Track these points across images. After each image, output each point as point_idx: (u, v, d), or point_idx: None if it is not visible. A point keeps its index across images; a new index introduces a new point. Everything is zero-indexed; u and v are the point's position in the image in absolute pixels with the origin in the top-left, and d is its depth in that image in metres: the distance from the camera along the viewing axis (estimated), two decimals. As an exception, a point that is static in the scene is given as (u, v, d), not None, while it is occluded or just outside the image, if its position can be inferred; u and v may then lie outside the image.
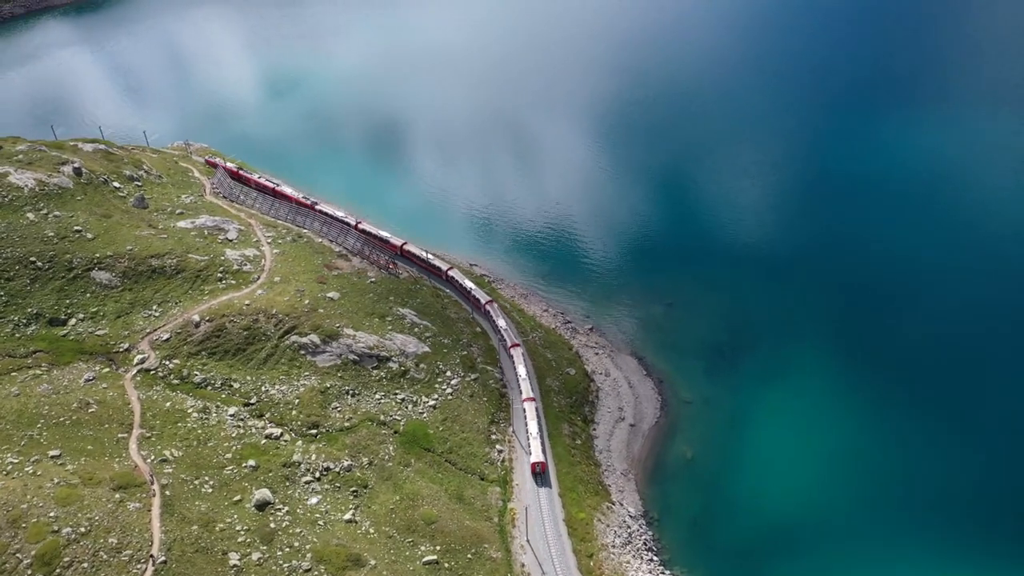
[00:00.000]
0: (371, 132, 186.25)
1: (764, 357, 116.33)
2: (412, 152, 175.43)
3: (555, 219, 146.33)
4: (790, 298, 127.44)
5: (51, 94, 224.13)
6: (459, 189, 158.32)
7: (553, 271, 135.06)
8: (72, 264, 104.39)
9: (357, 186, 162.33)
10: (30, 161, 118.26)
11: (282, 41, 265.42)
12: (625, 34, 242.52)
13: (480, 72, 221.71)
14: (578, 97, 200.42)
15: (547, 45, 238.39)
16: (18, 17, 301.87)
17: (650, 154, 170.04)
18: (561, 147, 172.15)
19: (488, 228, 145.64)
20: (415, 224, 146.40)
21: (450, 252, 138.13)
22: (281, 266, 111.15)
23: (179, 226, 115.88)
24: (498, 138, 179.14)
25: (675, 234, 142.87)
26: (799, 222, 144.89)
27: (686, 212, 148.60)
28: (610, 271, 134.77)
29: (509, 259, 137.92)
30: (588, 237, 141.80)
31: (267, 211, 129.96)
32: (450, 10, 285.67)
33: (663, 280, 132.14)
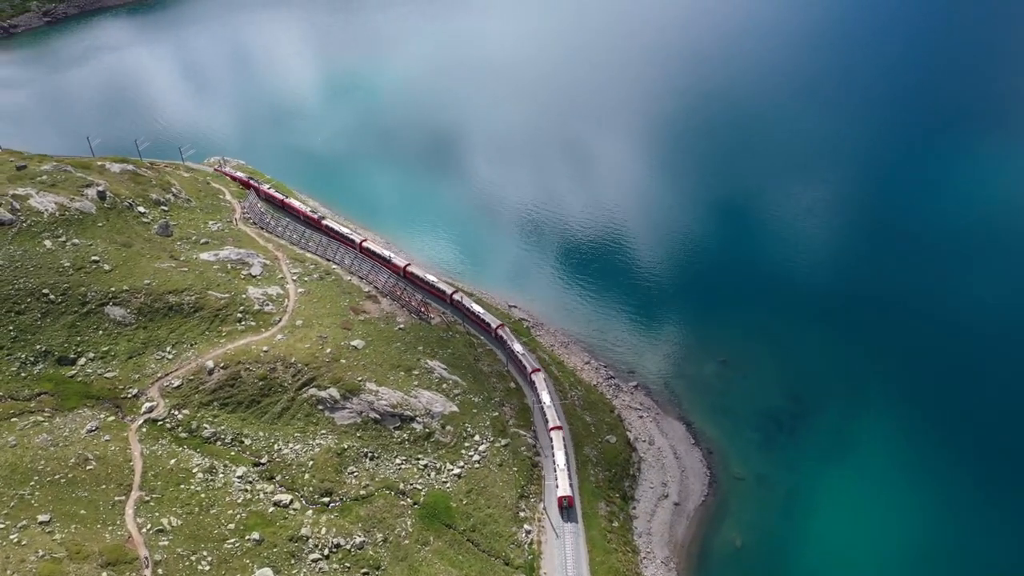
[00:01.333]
0: (417, 152, 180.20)
1: (827, 429, 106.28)
2: (458, 176, 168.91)
3: (602, 259, 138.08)
4: (858, 359, 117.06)
5: (94, 99, 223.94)
6: (503, 221, 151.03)
7: (597, 317, 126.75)
8: (86, 298, 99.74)
9: (395, 211, 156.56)
10: (54, 183, 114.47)
11: (333, 49, 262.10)
12: (686, 53, 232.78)
13: (532, 90, 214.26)
14: (632, 121, 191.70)
15: (604, 63, 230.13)
16: (71, 17, 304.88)
17: (706, 187, 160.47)
18: (611, 177, 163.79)
19: (530, 265, 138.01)
20: (453, 259, 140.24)
21: (488, 291, 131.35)
22: (305, 308, 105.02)
23: (201, 258, 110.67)
24: (546, 164, 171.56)
25: (732, 280, 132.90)
26: (870, 270, 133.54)
27: (744, 255, 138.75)
28: (659, 319, 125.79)
29: (551, 301, 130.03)
30: (637, 280, 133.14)
31: (297, 241, 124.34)
32: (506, 21, 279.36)
33: (717, 332, 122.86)
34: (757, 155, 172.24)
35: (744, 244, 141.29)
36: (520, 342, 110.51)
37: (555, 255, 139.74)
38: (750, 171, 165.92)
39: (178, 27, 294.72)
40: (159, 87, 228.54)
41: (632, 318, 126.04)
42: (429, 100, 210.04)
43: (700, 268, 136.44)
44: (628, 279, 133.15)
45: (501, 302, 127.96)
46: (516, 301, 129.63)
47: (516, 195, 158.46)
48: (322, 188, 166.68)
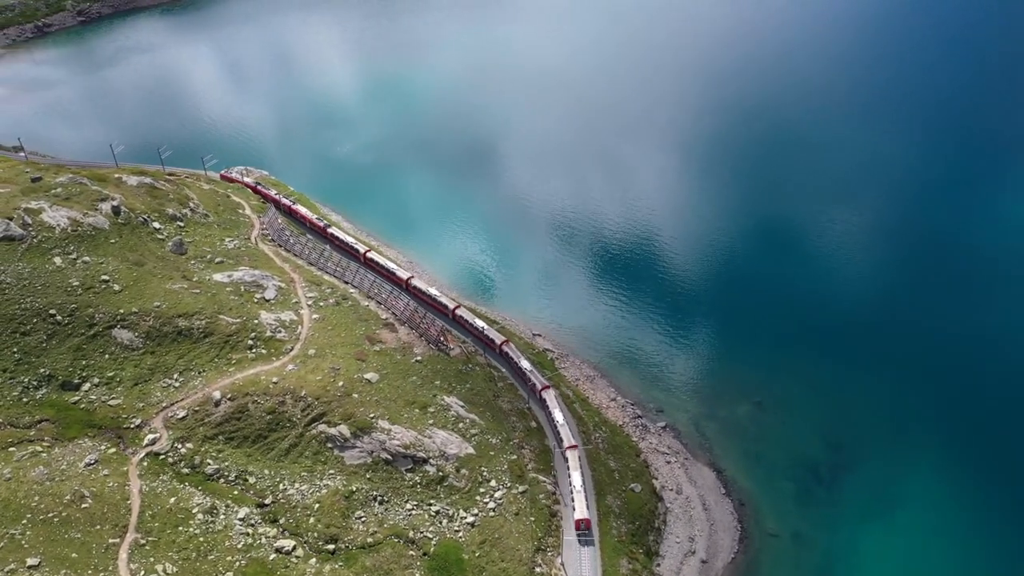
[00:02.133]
0: (445, 164, 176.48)
1: (870, 483, 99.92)
2: (486, 191, 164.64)
3: (632, 286, 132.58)
4: (906, 405, 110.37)
5: (122, 102, 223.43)
6: (531, 241, 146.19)
7: (625, 349, 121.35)
8: (94, 320, 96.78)
9: (421, 227, 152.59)
10: (68, 196, 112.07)
11: (365, 55, 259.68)
12: (730, 67, 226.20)
13: (566, 100, 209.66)
14: (670, 137, 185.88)
15: (643, 75, 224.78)
16: (104, 17, 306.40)
17: (743, 211, 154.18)
18: (645, 197, 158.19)
19: (556, 290, 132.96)
20: (478, 282, 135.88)
21: (513, 317, 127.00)
22: (319, 335, 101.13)
23: (215, 279, 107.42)
24: (578, 180, 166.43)
25: (770, 313, 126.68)
26: (921, 307, 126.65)
27: (783, 286, 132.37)
28: (691, 353, 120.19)
29: (577, 331, 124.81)
30: (668, 311, 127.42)
31: (315, 260, 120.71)
32: (541, 28, 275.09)
33: (752, 370, 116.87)
34: (798, 177, 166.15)
35: (783, 274, 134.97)
36: (528, 359, 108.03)
37: (583, 280, 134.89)
38: (790, 194, 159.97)
39: (210, 28, 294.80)
40: (187, 91, 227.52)
41: (662, 351, 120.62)
42: (460, 110, 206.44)
43: (736, 299, 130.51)
44: (658, 309, 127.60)
45: (525, 330, 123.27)
46: (541, 329, 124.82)
47: (546, 214, 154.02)
48: (346, 201, 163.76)
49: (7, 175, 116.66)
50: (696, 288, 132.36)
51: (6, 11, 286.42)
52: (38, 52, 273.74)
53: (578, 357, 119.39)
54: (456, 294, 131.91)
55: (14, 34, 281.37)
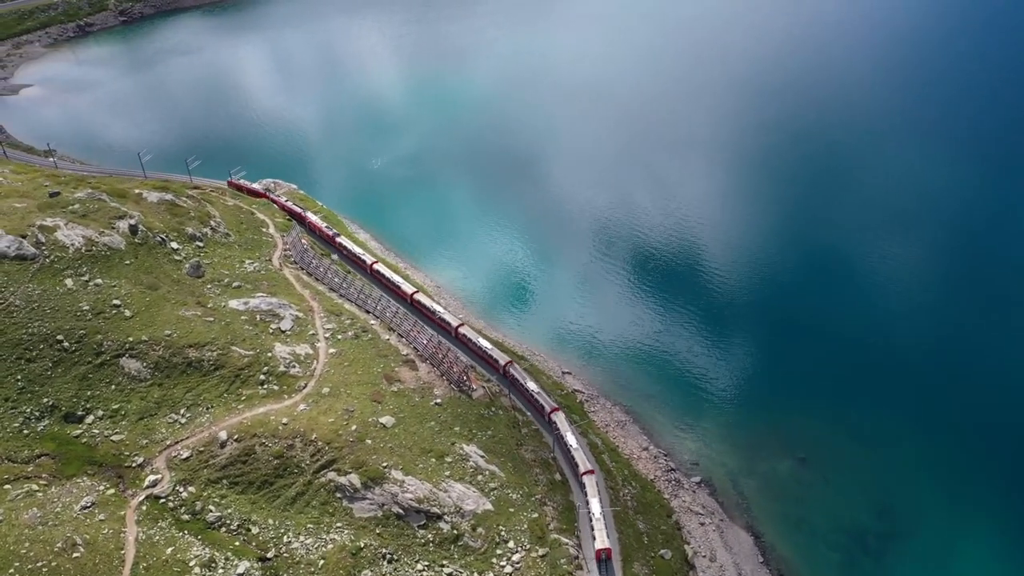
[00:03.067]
0: (478, 181, 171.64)
1: (923, 557, 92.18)
2: (520, 211, 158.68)
3: (669, 325, 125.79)
4: (967, 469, 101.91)
5: (156, 105, 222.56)
6: (564, 270, 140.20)
7: (661, 392, 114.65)
8: (102, 347, 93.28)
9: (451, 248, 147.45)
10: (85, 213, 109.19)
11: (402, 62, 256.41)
12: (783, 79, 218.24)
13: (608, 113, 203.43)
14: (714, 158, 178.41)
15: (689, 89, 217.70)
16: (146, 17, 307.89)
17: (791, 242, 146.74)
18: (687, 226, 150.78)
19: (591, 326, 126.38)
20: (506, 314, 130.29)
21: (543, 352, 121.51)
22: (334, 372, 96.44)
23: (230, 306, 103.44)
24: (619, 206, 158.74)
25: (817, 358, 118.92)
26: (987, 358, 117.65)
27: (832, 328, 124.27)
28: (731, 400, 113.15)
29: (609, 371, 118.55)
30: (706, 353, 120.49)
31: (338, 286, 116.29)
32: (585, 37, 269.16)
33: (796, 420, 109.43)
34: (850, 202, 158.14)
35: (833, 313, 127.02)
36: (534, 381, 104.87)
37: (618, 315, 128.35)
38: (841, 222, 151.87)
39: (249, 32, 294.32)
40: (221, 97, 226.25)
41: (699, 395, 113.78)
42: (498, 122, 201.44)
43: (781, 339, 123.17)
44: (697, 349, 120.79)
45: (555, 367, 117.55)
46: (571, 367, 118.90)
47: (583, 241, 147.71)
48: (375, 218, 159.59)
49: (26, 188, 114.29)
50: (738, 326, 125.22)
51: (49, 10, 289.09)
52: (78, 52, 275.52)
53: (609, 399, 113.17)
54: (484, 323, 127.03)
55: (56, 33, 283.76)
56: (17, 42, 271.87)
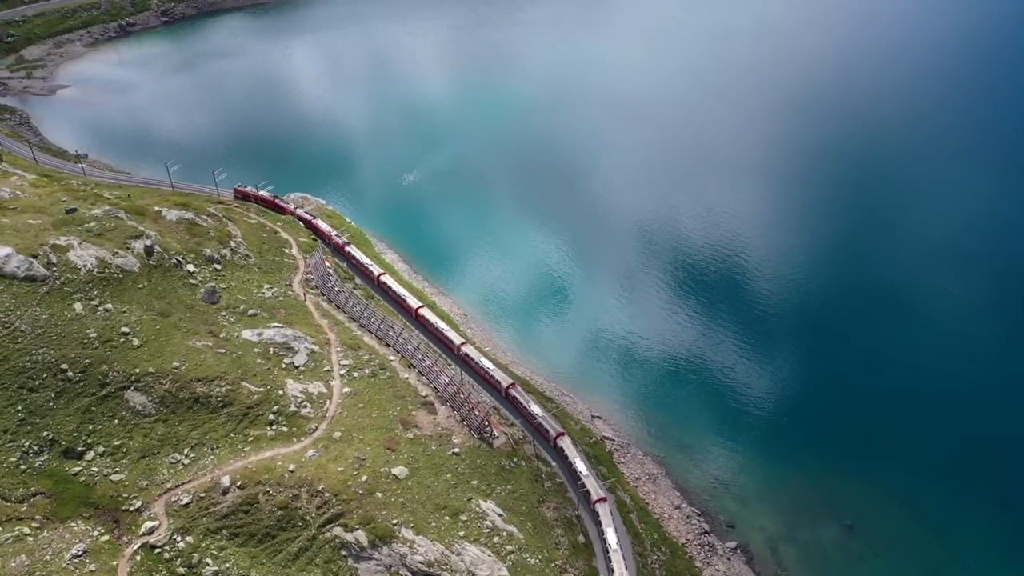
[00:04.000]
0: (516, 200, 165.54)
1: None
2: (560, 233, 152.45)
3: (709, 368, 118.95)
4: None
5: (189, 111, 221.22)
6: (600, 302, 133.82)
7: (698, 442, 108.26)
8: (107, 379, 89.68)
9: (481, 272, 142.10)
10: (101, 231, 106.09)
11: (445, 70, 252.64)
12: (841, 94, 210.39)
13: (659, 130, 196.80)
14: (769, 183, 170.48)
15: (745, 106, 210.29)
16: (188, 18, 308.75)
17: (844, 282, 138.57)
18: (733, 262, 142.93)
19: (626, 368, 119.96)
20: (542, 347, 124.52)
21: (573, 392, 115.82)
22: (347, 414, 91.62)
23: (243, 336, 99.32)
24: (664, 235, 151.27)
25: (870, 414, 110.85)
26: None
27: (888, 380, 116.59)
28: (772, 456, 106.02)
29: (643, 415, 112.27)
30: (749, 400, 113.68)
31: (359, 316, 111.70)
32: (640, 45, 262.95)
33: (843, 484, 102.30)
34: (908, 234, 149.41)
35: (890, 364, 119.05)
36: (538, 404, 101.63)
37: (653, 356, 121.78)
38: (898, 256, 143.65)
39: (288, 35, 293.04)
40: (256, 103, 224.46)
41: (738, 449, 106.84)
42: (538, 136, 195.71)
43: (830, 392, 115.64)
44: (737, 398, 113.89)
45: (584, 410, 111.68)
46: (602, 410, 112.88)
47: (618, 273, 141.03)
48: (405, 237, 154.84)
49: (43, 203, 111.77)
50: (783, 374, 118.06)
51: (92, 8, 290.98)
52: (117, 53, 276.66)
53: (641, 449, 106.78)
54: (512, 356, 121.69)
55: (97, 32, 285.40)
56: (58, 41, 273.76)
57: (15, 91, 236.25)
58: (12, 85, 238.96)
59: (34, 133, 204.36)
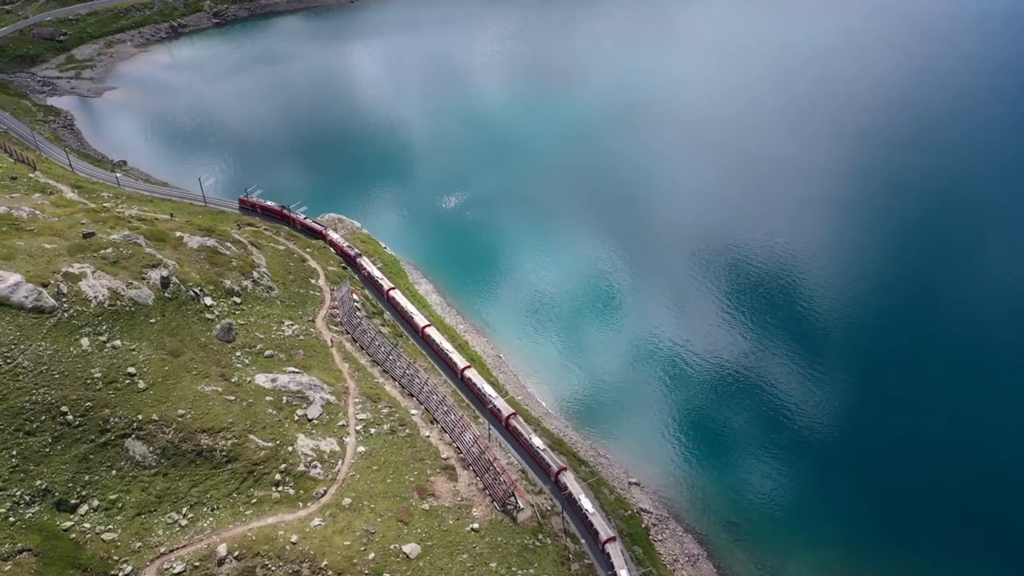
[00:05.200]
0: (570, 235, 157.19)
1: None
2: (617, 276, 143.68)
3: (765, 436, 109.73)
4: None
5: (231, 120, 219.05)
6: (652, 359, 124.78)
7: (746, 521, 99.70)
8: (108, 424, 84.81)
9: (523, 319, 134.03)
10: (117, 259, 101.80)
11: (507, 80, 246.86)
12: (928, 122, 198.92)
13: (730, 157, 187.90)
14: (846, 222, 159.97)
15: (824, 125, 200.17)
16: (239, 20, 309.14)
17: (935, 336, 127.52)
18: (800, 316, 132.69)
19: (672, 430, 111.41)
20: (579, 393, 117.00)
21: (610, 452, 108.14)
22: (360, 478, 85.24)
23: (256, 382, 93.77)
24: (730, 279, 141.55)
25: (957, 492, 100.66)
26: None
27: (978, 449, 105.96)
28: (829, 541, 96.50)
29: (687, 485, 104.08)
30: (805, 477, 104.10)
31: (383, 360, 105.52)
32: (714, 61, 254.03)
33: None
34: (995, 284, 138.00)
35: (979, 428, 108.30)
36: (539, 435, 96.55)
37: (704, 414, 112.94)
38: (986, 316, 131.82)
39: (337, 41, 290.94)
40: (297, 113, 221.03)
41: (792, 530, 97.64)
42: (596, 159, 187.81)
43: (904, 464, 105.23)
44: (793, 472, 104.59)
45: (620, 474, 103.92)
46: (641, 476, 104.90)
47: (674, 320, 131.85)
48: (442, 267, 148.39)
49: (61, 225, 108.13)
50: (849, 447, 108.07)
51: (145, 8, 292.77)
52: (167, 55, 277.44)
53: (682, 524, 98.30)
54: (547, 406, 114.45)
55: (148, 33, 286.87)
56: (109, 40, 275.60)
57: (63, 91, 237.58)
58: (60, 85, 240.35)
59: (76, 137, 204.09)
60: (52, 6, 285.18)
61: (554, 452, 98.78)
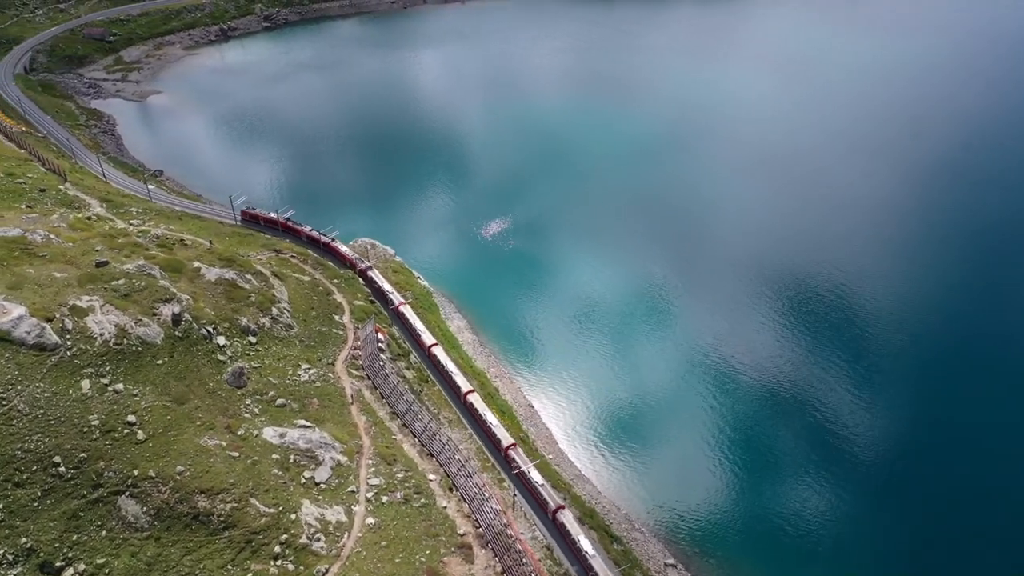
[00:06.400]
0: (624, 263, 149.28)
1: None
2: (674, 320, 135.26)
3: (823, 514, 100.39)
4: None
5: (272, 131, 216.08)
6: (705, 424, 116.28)
7: None
8: (101, 479, 79.88)
9: (563, 368, 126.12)
10: (129, 291, 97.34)
11: (552, 97, 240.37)
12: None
13: (804, 183, 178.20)
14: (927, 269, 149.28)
15: (892, 161, 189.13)
16: (290, 24, 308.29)
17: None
18: (873, 379, 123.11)
19: (719, 505, 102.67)
20: (617, 460, 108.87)
21: (647, 528, 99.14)
22: (366, 555, 78.73)
23: (263, 437, 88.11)
24: (799, 341, 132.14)
25: None
26: None
27: None
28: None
29: (729, 571, 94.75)
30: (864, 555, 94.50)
31: (403, 412, 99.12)
32: (783, 80, 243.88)
33: None
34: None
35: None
36: (538, 472, 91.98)
37: (758, 493, 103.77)
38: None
39: (385, 48, 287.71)
40: (338, 125, 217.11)
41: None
42: (660, 181, 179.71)
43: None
44: (846, 549, 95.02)
45: (656, 552, 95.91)
46: (678, 555, 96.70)
47: (735, 377, 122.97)
48: (480, 303, 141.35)
49: (75, 252, 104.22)
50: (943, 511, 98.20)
51: (196, 10, 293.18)
52: (214, 58, 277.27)
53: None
54: (580, 470, 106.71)
55: (198, 35, 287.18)
56: (159, 42, 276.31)
57: (108, 94, 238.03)
58: (106, 88, 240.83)
59: (115, 143, 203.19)
60: (104, 5, 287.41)
61: (583, 525, 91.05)
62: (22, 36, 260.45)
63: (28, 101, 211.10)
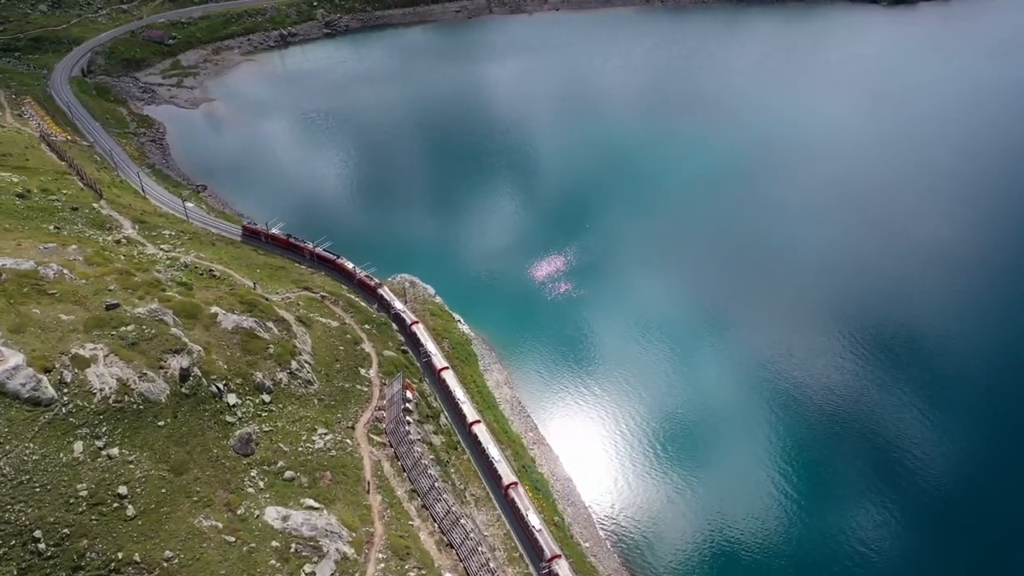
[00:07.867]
0: (692, 314, 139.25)
1: None
2: (733, 379, 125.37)
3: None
4: None
5: (322, 149, 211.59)
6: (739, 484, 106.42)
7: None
8: (83, 560, 73.68)
9: (604, 436, 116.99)
10: (137, 339, 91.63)
11: (620, 119, 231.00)
12: None
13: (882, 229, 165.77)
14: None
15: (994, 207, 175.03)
16: (351, 31, 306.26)
17: None
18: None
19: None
20: (666, 557, 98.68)
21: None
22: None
23: (265, 518, 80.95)
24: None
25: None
26: None
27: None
28: None
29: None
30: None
31: (424, 492, 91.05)
32: (891, 110, 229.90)
33: None
34: None
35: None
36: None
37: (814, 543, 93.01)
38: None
39: (449, 60, 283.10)
40: (387, 147, 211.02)
41: None
42: (737, 219, 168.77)
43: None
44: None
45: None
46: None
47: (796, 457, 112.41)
48: (521, 354, 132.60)
49: (86, 290, 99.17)
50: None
51: (256, 15, 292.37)
52: (272, 65, 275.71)
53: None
54: (618, 562, 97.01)
55: (257, 40, 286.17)
56: (217, 47, 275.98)
57: (161, 100, 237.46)
58: (160, 93, 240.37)
59: (162, 153, 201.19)
60: (167, 7, 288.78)
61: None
62: (83, 37, 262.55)
63: (79, 106, 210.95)
